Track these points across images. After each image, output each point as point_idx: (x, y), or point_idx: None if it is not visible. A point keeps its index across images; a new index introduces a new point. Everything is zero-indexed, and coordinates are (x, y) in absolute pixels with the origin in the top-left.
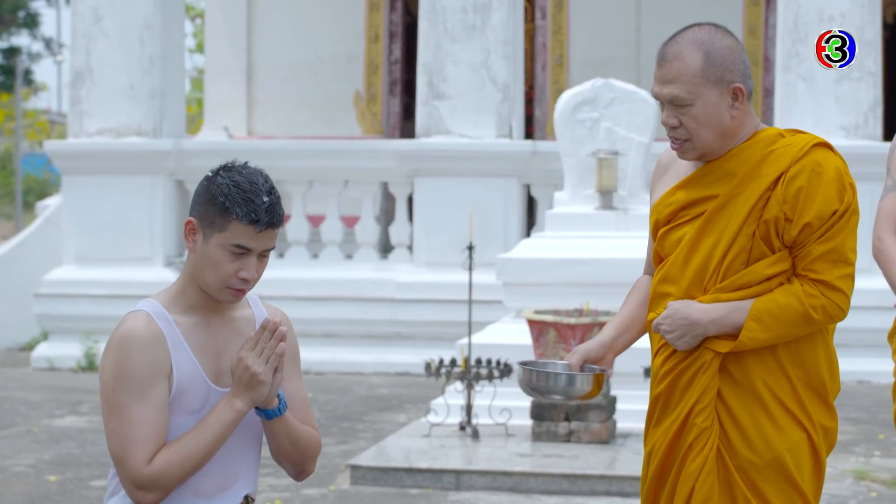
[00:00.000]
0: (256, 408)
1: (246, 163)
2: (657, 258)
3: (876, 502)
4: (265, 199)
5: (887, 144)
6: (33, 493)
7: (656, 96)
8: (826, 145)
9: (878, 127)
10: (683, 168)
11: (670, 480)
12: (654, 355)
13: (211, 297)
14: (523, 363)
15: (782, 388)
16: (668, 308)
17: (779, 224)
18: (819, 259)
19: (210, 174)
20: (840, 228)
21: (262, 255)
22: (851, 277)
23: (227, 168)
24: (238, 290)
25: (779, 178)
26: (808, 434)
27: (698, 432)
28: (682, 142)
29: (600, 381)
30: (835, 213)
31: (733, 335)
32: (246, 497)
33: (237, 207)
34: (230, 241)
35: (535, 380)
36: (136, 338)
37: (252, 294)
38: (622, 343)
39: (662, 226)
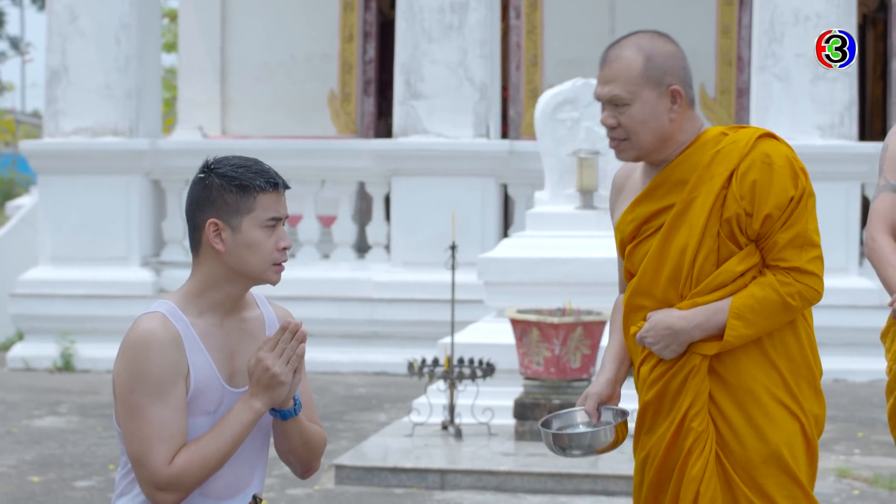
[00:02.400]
0: (272, 409)
1: (216, 156)
2: (627, 275)
3: (858, 500)
4: (265, 166)
5: (862, 144)
6: (17, 493)
7: (598, 97)
8: (770, 135)
9: (853, 126)
10: (638, 183)
11: (671, 487)
12: (640, 364)
13: (227, 298)
14: (544, 424)
15: (773, 381)
16: (650, 320)
17: (740, 220)
18: (786, 247)
19: (201, 175)
20: (800, 213)
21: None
22: (821, 259)
23: (215, 162)
24: (280, 264)
25: (731, 175)
26: (801, 423)
27: (695, 436)
28: (619, 141)
29: (624, 429)
30: (792, 199)
31: (718, 336)
32: (254, 497)
33: (255, 180)
34: (263, 216)
35: (559, 442)
36: (154, 339)
37: (259, 294)
38: (624, 372)
39: (628, 243)
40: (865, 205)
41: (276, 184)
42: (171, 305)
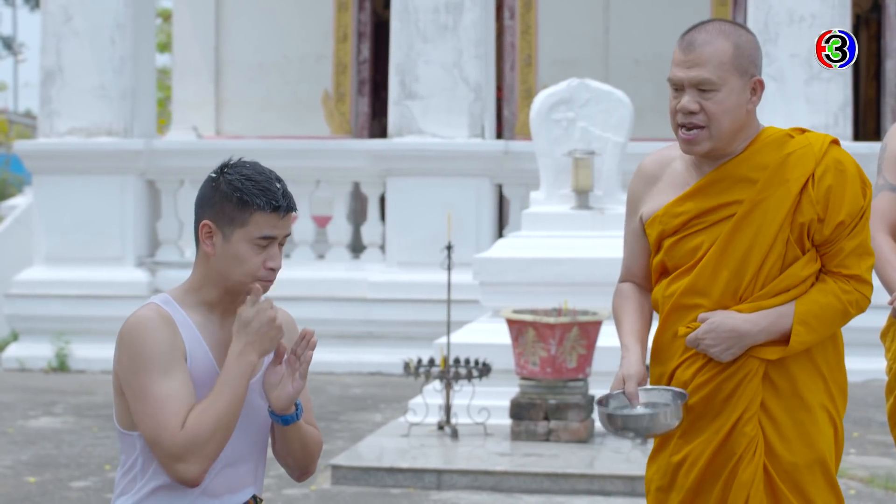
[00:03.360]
0: (273, 414)
1: (241, 158)
2: (660, 268)
3: (855, 500)
4: (278, 185)
5: (857, 144)
6: (13, 494)
7: (678, 81)
8: (837, 142)
9: (847, 127)
10: (681, 177)
11: (716, 492)
12: (678, 366)
13: (225, 296)
14: (600, 403)
15: (817, 387)
16: (708, 323)
17: (812, 225)
18: (850, 254)
19: (213, 175)
20: (864, 223)
21: (280, 244)
22: (872, 268)
23: (229, 165)
24: (267, 281)
25: (807, 180)
26: (836, 427)
27: (748, 441)
28: (697, 129)
29: (684, 409)
30: (861, 208)
31: (780, 341)
32: (254, 497)
33: (256, 198)
34: (255, 233)
35: (616, 424)
36: (149, 321)
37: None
38: (644, 351)
39: (669, 236)
40: None
41: (276, 207)
42: (167, 297)
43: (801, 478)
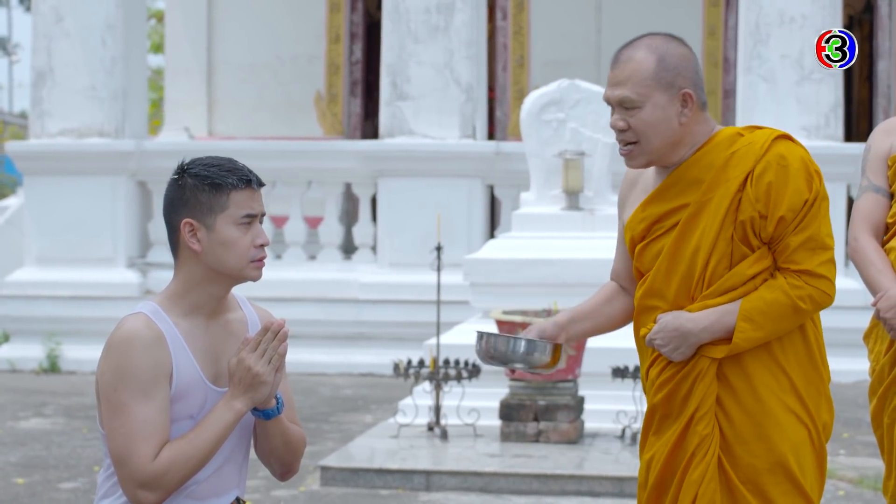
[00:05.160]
0: (254, 409)
1: (192, 158)
2: (637, 273)
3: (844, 501)
4: (239, 165)
5: (848, 145)
6: (1, 495)
7: (607, 100)
8: (786, 137)
9: (838, 127)
10: (650, 181)
11: (672, 489)
12: (649, 366)
13: (212, 295)
14: (482, 332)
15: (782, 387)
16: (659, 322)
17: (754, 223)
18: (798, 249)
19: (175, 177)
20: (813, 216)
21: (260, 222)
22: (832, 262)
23: (186, 164)
24: (260, 260)
25: (746, 178)
26: (809, 431)
27: (699, 440)
28: (630, 146)
29: (558, 352)
30: (805, 202)
31: (727, 339)
32: (237, 499)
33: (227, 178)
34: (237, 213)
35: (494, 346)
36: (139, 338)
37: (241, 296)
38: (577, 330)
39: (639, 242)
40: (851, 206)
41: (248, 181)
42: (155, 306)
43: (761, 480)
